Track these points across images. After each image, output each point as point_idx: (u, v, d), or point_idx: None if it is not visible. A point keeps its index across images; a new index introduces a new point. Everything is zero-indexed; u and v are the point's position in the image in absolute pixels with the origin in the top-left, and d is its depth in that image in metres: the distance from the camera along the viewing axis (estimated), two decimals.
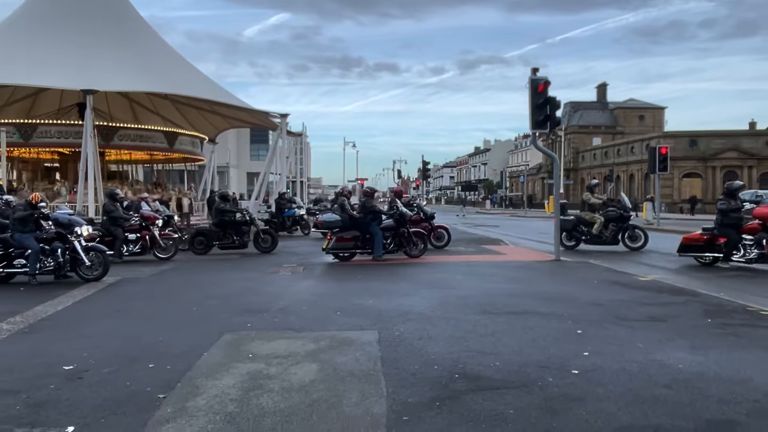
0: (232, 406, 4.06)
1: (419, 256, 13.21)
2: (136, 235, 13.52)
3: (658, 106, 76.47)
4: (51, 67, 19.42)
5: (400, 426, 3.70)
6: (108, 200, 13.88)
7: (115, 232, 13.30)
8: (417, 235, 13.50)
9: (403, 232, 13.24)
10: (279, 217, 21.53)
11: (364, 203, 13.26)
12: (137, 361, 5.17)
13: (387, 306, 7.53)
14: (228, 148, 56.00)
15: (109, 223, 13.42)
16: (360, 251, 12.98)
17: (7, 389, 4.43)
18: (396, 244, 13.25)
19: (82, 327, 6.61)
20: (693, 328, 6.28)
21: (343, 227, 12.91)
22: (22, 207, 10.15)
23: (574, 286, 9.17)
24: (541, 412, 3.89)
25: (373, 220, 12.91)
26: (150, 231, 13.61)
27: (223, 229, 15.08)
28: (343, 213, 13.05)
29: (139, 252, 13.58)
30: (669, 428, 3.63)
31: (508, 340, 5.77)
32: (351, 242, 12.88)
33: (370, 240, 12.84)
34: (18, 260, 9.97)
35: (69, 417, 3.89)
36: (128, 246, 13.45)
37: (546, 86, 12.07)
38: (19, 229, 9.97)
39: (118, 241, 13.22)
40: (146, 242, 13.53)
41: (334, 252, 12.89)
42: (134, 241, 13.49)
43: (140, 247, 13.53)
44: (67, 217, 10.46)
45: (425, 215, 15.42)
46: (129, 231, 13.51)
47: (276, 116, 25.60)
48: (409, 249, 13.24)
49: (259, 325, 6.59)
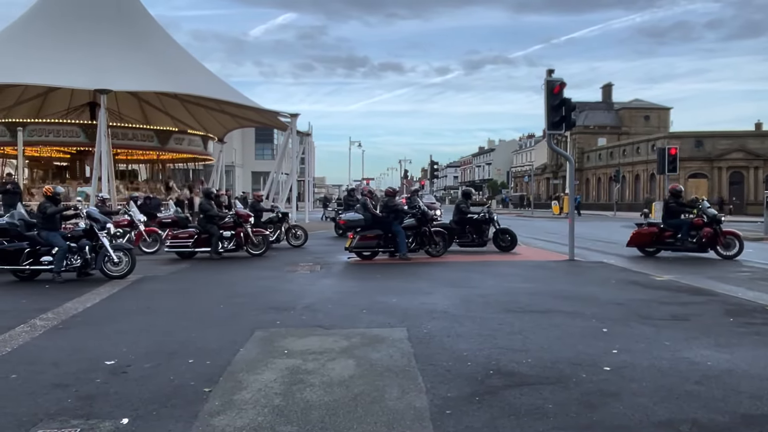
0: (278, 399, 4.18)
1: (440, 255, 13.34)
2: (231, 232, 13.81)
3: (663, 107, 76.42)
4: (63, 66, 19.59)
5: (444, 419, 3.81)
6: (204, 199, 14.28)
7: (211, 230, 13.57)
8: (438, 235, 13.65)
9: (424, 231, 13.40)
10: None
11: (386, 202, 13.42)
12: (176, 356, 5.29)
13: (411, 304, 7.64)
14: (233, 148, 56.22)
15: (205, 221, 13.70)
16: (382, 250, 13.14)
17: (56, 383, 4.56)
18: (417, 243, 13.41)
19: (114, 323, 6.74)
20: (716, 326, 6.38)
21: (366, 226, 13.06)
22: (49, 204, 10.29)
23: (592, 286, 9.28)
24: (579, 407, 4.00)
25: (396, 219, 13.06)
26: (244, 228, 13.91)
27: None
28: (366, 212, 13.20)
29: (234, 249, 13.90)
30: (706, 422, 3.74)
31: (536, 338, 5.88)
32: (374, 241, 13.01)
33: (392, 239, 12.98)
34: (45, 257, 10.09)
35: (121, 409, 4.01)
36: (223, 243, 13.74)
37: (562, 88, 12.18)
38: (48, 226, 10.13)
39: (214, 238, 13.52)
40: (240, 239, 13.84)
41: (357, 251, 13.04)
42: (229, 238, 13.80)
43: (234, 243, 13.84)
44: (99, 214, 10.66)
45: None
46: (224, 228, 13.79)
47: (286, 116, 25.74)
48: (430, 248, 13.39)
49: (288, 322, 6.72)
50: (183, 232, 13.89)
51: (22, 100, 26.09)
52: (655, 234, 13.71)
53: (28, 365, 5.04)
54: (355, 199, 21.57)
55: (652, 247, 13.89)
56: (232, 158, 56.72)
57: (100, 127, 18.91)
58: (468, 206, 15.00)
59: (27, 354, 5.44)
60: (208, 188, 15.20)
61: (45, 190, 10.83)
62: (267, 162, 60.98)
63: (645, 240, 13.85)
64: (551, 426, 3.68)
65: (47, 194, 10.53)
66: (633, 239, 14.06)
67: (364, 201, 13.78)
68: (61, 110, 27.30)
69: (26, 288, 9.49)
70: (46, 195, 10.56)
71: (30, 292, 9.02)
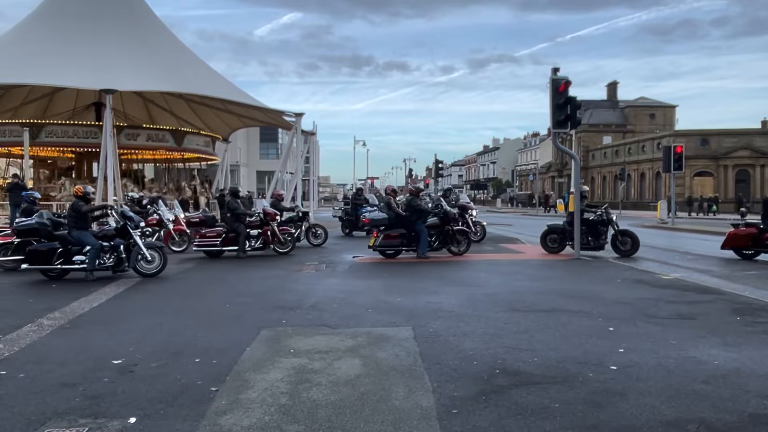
0: (285, 398, 4.19)
1: (463, 253, 13.41)
2: (258, 231, 13.89)
3: (668, 105, 76.15)
4: (69, 67, 19.63)
5: (451, 419, 3.81)
6: (231, 197, 14.35)
7: (239, 228, 13.65)
8: (461, 234, 13.72)
9: (447, 230, 13.48)
10: (354, 215, 20.52)
11: (410, 201, 13.49)
12: (182, 355, 5.31)
13: (416, 304, 7.65)
14: (238, 147, 56.29)
15: (232, 219, 13.78)
16: (406, 249, 13.22)
17: (64, 382, 4.58)
18: (440, 241, 13.47)
19: (121, 323, 6.76)
20: (723, 325, 6.36)
21: (390, 225, 13.14)
22: (81, 203, 10.43)
23: (598, 285, 9.26)
24: (586, 406, 3.99)
25: (419, 219, 13.11)
26: (271, 226, 13.98)
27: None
28: (390, 211, 13.31)
29: (261, 247, 13.96)
30: (713, 422, 3.73)
31: (542, 336, 5.88)
32: (398, 240, 13.09)
33: (415, 238, 13.05)
34: (77, 257, 10.18)
35: (128, 408, 4.02)
36: (250, 242, 13.80)
37: (567, 86, 12.16)
38: (79, 225, 10.24)
39: (242, 237, 13.59)
40: (267, 237, 13.91)
41: (381, 249, 13.14)
42: (256, 237, 13.87)
43: (261, 242, 13.91)
44: (132, 213, 10.84)
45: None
46: (250, 227, 13.86)
47: (291, 115, 25.75)
48: (453, 246, 13.46)
49: (294, 321, 6.73)
50: (211, 231, 13.98)
51: (28, 100, 26.18)
52: (754, 236, 12.70)
53: (35, 364, 5.07)
54: (362, 198, 21.53)
55: (750, 249, 12.92)
56: (237, 157, 56.78)
57: (105, 127, 18.94)
58: (584, 206, 13.65)
59: (34, 353, 5.47)
60: (235, 187, 15.33)
61: (75, 190, 10.96)
62: (272, 161, 61.10)
63: (742, 242, 12.93)
64: (558, 425, 3.68)
65: (78, 194, 10.66)
66: (728, 241, 13.22)
67: (388, 200, 13.91)
68: (67, 110, 27.41)
69: (33, 287, 9.53)
70: (76, 195, 10.69)
71: (37, 292, 9.06)
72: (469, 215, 16.29)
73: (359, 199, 21.43)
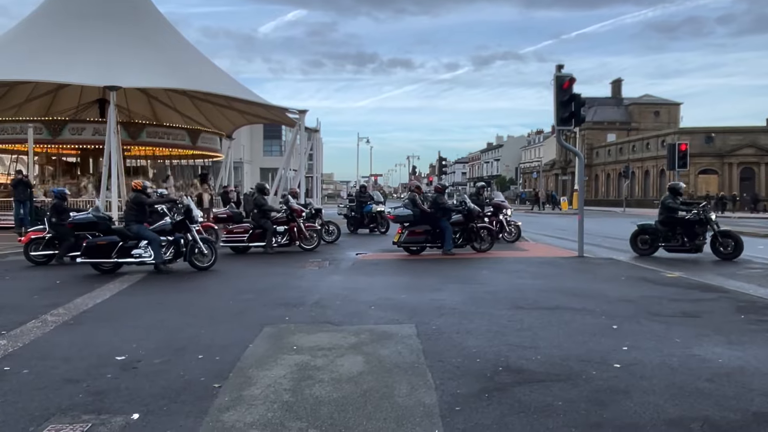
0: (287, 395, 4.19)
1: (487, 250, 13.44)
2: (284, 227, 13.97)
3: (673, 102, 75.85)
4: (73, 63, 19.69)
5: (453, 416, 3.80)
6: (258, 194, 14.46)
7: (266, 225, 13.73)
8: (485, 231, 13.76)
9: (472, 227, 13.52)
10: (359, 212, 20.72)
11: (435, 198, 13.56)
12: (185, 351, 5.32)
13: (420, 301, 7.64)
14: (242, 144, 56.32)
15: (259, 215, 13.86)
16: (430, 245, 13.28)
17: (67, 378, 4.59)
18: (464, 238, 13.52)
19: (125, 319, 6.77)
20: (727, 323, 6.34)
21: (415, 221, 13.22)
22: (144, 197, 10.62)
23: (601, 283, 9.24)
24: (589, 404, 3.98)
25: (444, 215, 13.16)
26: (297, 223, 14.04)
27: None
28: (415, 208, 13.39)
29: (287, 243, 14.04)
30: (717, 420, 3.72)
31: (546, 334, 5.86)
32: (422, 236, 13.17)
33: (440, 234, 13.11)
34: (135, 251, 10.35)
35: (132, 405, 4.03)
36: (276, 238, 13.89)
37: (571, 83, 12.11)
38: (139, 219, 10.41)
39: (269, 233, 13.66)
40: (294, 234, 13.98)
41: (405, 245, 13.21)
42: (282, 233, 13.95)
43: (288, 238, 13.99)
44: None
45: None
46: (277, 223, 13.92)
47: (294, 112, 25.76)
48: (477, 244, 13.50)
49: (297, 318, 6.73)
50: (238, 227, 14.03)
51: (32, 96, 26.27)
52: None
53: (39, 360, 5.08)
54: (366, 195, 21.51)
55: None
56: (241, 155, 56.81)
57: (109, 124, 18.98)
58: (677, 203, 12.73)
59: (38, 349, 5.48)
60: (262, 184, 15.34)
61: (134, 184, 11.13)
62: (275, 158, 61.11)
63: None
64: (561, 423, 3.67)
65: (137, 188, 10.82)
66: None
67: (413, 196, 13.99)
68: (71, 107, 27.50)
69: (37, 283, 9.55)
70: (136, 189, 10.79)
71: (41, 288, 9.08)
72: (504, 214, 16.19)
73: (364, 196, 21.39)
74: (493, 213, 16.05)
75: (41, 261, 11.85)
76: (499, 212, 16.07)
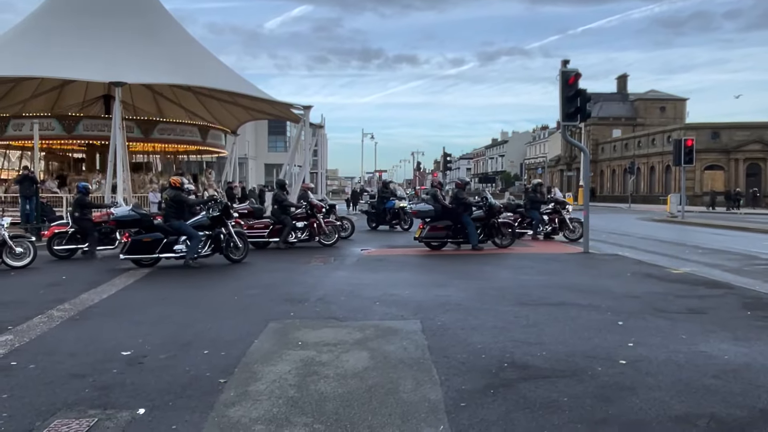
0: (293, 390, 4.20)
1: (508, 246, 13.43)
2: (304, 223, 14.03)
3: (679, 98, 75.47)
4: (79, 59, 19.67)
5: (459, 412, 3.80)
6: (278, 189, 14.54)
7: (285, 220, 13.78)
8: (506, 226, 13.72)
9: (493, 222, 13.51)
10: (380, 208, 20.30)
11: (456, 194, 13.53)
12: (191, 347, 5.33)
13: (424, 297, 7.63)
14: (246, 140, 56.31)
15: (279, 211, 13.91)
16: (451, 240, 13.29)
17: (74, 373, 4.61)
18: (485, 234, 13.51)
19: (130, 314, 6.79)
20: (733, 320, 6.31)
21: (436, 217, 13.24)
22: (184, 194, 10.76)
23: (607, 279, 9.21)
24: (595, 401, 3.97)
25: (465, 211, 13.16)
26: (317, 219, 14.08)
27: None
28: (436, 203, 13.40)
29: (307, 239, 14.09)
30: (724, 417, 3.70)
31: (551, 330, 5.85)
32: (443, 231, 13.20)
33: (461, 230, 13.11)
34: (177, 246, 10.54)
35: (137, 400, 4.04)
36: (296, 233, 13.94)
37: (577, 78, 12.06)
38: (179, 216, 10.54)
39: (287, 228, 13.72)
40: (314, 229, 14.02)
41: (426, 241, 13.23)
42: (302, 229, 14.01)
43: (308, 234, 14.04)
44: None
45: None
46: (297, 219, 13.98)
47: (299, 108, 25.72)
48: (498, 239, 13.50)
49: (302, 314, 6.73)
50: (258, 223, 14.10)
51: (38, 92, 26.30)
52: None
53: (45, 355, 5.10)
54: (389, 191, 21.30)
55: None
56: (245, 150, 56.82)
57: (114, 120, 18.99)
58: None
59: (45, 344, 5.50)
60: (281, 180, 15.40)
61: (173, 181, 11.21)
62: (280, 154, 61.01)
63: None
64: (566, 419, 3.66)
65: (176, 185, 10.92)
66: None
67: (435, 192, 14.02)
68: (77, 103, 27.52)
69: (43, 279, 9.59)
70: (174, 186, 10.89)
71: (47, 283, 9.11)
72: (566, 210, 15.98)
73: (386, 192, 21.05)
74: (554, 210, 15.85)
75: (64, 255, 11.93)
76: (562, 209, 15.83)
